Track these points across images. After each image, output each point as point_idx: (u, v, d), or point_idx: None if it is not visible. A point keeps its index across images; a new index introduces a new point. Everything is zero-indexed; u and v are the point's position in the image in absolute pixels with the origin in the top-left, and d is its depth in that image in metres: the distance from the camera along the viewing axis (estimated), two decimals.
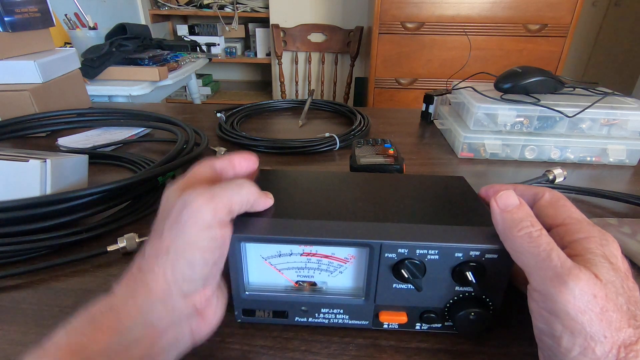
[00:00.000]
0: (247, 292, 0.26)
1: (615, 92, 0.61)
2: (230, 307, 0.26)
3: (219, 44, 2.27)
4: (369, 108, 1.21)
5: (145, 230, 0.37)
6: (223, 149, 0.59)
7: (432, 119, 0.74)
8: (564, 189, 0.47)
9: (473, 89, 0.62)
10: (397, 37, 1.71)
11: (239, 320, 0.28)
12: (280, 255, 0.25)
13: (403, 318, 0.26)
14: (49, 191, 0.38)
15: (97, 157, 0.53)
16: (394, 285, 0.25)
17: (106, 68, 1.06)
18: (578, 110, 0.54)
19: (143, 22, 2.16)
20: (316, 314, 0.27)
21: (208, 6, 2.17)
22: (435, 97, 0.72)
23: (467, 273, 0.23)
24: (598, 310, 0.18)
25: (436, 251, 0.23)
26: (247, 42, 2.41)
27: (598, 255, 0.20)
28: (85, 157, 0.45)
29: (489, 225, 0.25)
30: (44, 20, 0.71)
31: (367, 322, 0.27)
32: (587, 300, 0.18)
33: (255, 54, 2.32)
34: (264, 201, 0.25)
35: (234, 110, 0.74)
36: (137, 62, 1.11)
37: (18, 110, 0.61)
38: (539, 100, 0.56)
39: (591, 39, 2.49)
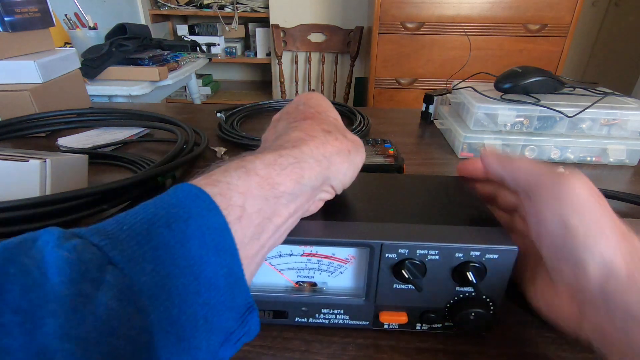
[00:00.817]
0: None
1: (615, 92, 0.61)
2: None
3: (219, 44, 2.27)
4: (369, 108, 1.21)
5: None
6: (223, 149, 0.59)
7: (432, 119, 0.74)
8: None
9: (473, 89, 0.62)
10: (397, 37, 1.71)
11: None
12: (280, 256, 0.25)
13: (403, 318, 0.26)
14: (49, 191, 0.38)
15: (97, 157, 0.53)
16: (394, 286, 0.25)
17: (106, 68, 1.06)
18: (578, 110, 0.54)
19: (143, 22, 2.16)
20: (316, 315, 0.27)
21: (208, 6, 2.17)
22: (435, 97, 0.72)
23: (467, 273, 0.23)
24: (598, 195, 0.21)
25: (436, 251, 0.23)
26: (247, 42, 2.41)
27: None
28: (85, 157, 0.45)
29: (489, 225, 0.25)
30: (44, 20, 0.71)
31: (367, 323, 0.27)
32: (589, 186, 0.21)
33: (255, 54, 2.32)
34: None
35: (234, 110, 0.74)
36: (137, 62, 1.11)
37: (18, 110, 0.61)
38: (539, 100, 0.56)
39: (591, 39, 2.49)
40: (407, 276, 0.23)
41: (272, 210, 0.20)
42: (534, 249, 0.23)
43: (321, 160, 0.22)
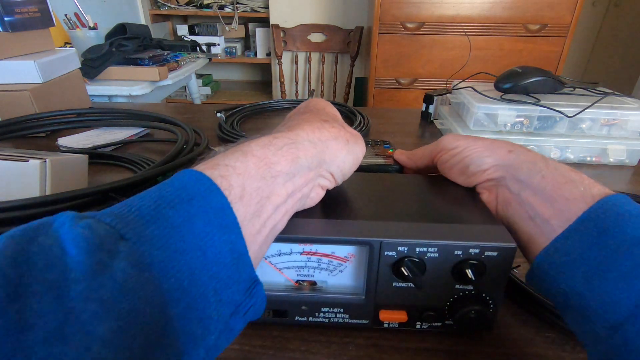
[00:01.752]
0: None
1: (615, 92, 0.61)
2: None
3: (219, 44, 2.27)
4: (369, 108, 1.21)
5: None
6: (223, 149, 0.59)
7: (432, 119, 0.74)
8: None
9: (473, 89, 0.62)
10: (397, 37, 1.71)
11: None
12: (280, 255, 0.25)
13: (403, 317, 0.26)
14: (49, 191, 0.38)
15: (97, 157, 0.53)
16: (394, 284, 0.25)
17: (106, 68, 1.06)
18: (578, 110, 0.54)
19: (143, 22, 2.16)
20: (316, 313, 0.27)
21: (208, 6, 2.17)
22: (435, 97, 0.72)
23: (466, 271, 0.23)
24: (460, 135, 0.31)
25: (436, 249, 0.23)
26: (247, 42, 2.41)
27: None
28: (85, 157, 0.45)
29: (487, 224, 0.25)
30: (44, 20, 0.71)
31: (367, 321, 0.27)
32: (452, 135, 0.32)
33: (255, 54, 2.32)
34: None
35: (234, 110, 0.74)
36: (137, 62, 1.11)
37: (18, 110, 0.61)
38: (539, 100, 0.56)
39: (591, 39, 2.49)
40: (406, 274, 0.23)
41: (270, 190, 0.21)
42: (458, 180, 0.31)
43: (316, 143, 0.23)
